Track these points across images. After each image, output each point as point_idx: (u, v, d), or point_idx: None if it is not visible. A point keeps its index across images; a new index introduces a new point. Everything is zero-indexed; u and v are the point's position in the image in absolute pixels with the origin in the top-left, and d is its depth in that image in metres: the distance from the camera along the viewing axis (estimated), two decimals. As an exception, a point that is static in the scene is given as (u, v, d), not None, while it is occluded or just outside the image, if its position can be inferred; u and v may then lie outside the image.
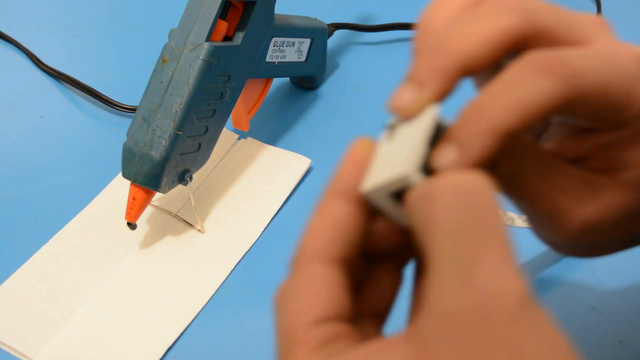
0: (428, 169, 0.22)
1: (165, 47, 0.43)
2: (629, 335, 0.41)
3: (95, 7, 0.68)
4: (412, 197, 0.21)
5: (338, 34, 0.63)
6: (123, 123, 0.55)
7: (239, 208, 0.48)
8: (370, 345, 0.20)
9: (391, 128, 0.25)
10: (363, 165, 0.23)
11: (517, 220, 0.42)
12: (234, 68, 0.45)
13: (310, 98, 0.58)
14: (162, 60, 0.43)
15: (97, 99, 0.56)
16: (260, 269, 0.45)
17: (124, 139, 0.43)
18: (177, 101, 0.42)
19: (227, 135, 0.53)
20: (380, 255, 0.24)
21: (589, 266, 0.46)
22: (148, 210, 0.47)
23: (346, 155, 0.24)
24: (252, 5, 0.45)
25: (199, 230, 0.46)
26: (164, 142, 0.41)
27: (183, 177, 0.44)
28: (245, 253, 0.46)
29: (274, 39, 0.49)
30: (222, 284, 0.44)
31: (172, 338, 0.41)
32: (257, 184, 0.50)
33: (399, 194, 0.22)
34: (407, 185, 0.22)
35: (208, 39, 0.42)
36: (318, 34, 0.55)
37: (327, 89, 0.59)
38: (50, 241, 0.46)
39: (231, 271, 0.45)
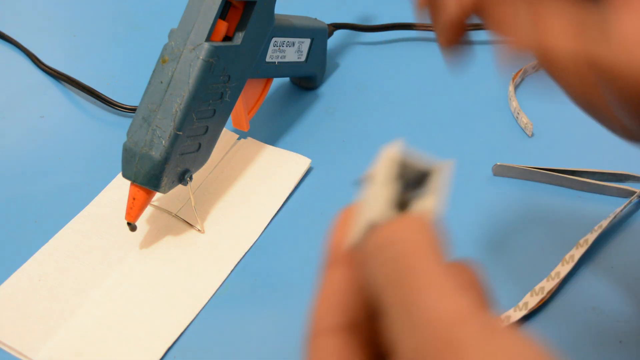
0: (403, 202, 0.23)
1: (165, 47, 0.43)
2: (629, 335, 0.41)
3: (95, 7, 0.68)
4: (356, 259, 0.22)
5: (338, 34, 0.63)
6: (123, 123, 0.55)
7: (239, 208, 0.48)
8: None
9: (365, 181, 0.24)
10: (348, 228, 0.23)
11: (513, 314, 0.42)
12: (234, 68, 0.45)
13: (310, 98, 0.58)
14: (162, 60, 0.43)
15: (97, 99, 0.56)
16: (260, 269, 0.45)
17: (124, 139, 0.43)
18: (177, 101, 0.42)
19: (227, 135, 0.53)
20: None
21: (589, 266, 0.46)
22: (148, 210, 0.47)
23: (332, 226, 0.24)
24: (252, 6, 0.45)
25: (199, 230, 0.47)
26: (164, 142, 0.41)
27: (183, 177, 0.44)
28: (245, 253, 0.46)
29: (274, 39, 0.49)
30: (222, 284, 0.44)
31: (172, 338, 0.41)
32: (257, 184, 0.50)
33: None
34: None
35: (208, 39, 0.42)
36: (318, 34, 0.55)
37: (327, 89, 0.59)
38: (50, 241, 0.46)
39: (231, 271, 0.45)
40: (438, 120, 0.56)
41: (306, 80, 0.58)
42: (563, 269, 0.44)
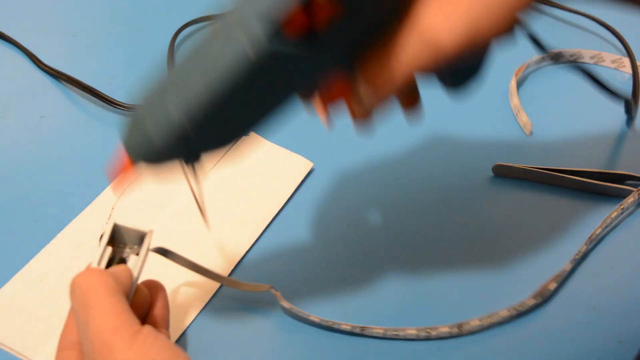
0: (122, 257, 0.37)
1: (222, 17, 0.29)
2: (629, 335, 0.42)
3: (95, 7, 0.68)
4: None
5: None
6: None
7: (239, 208, 0.48)
8: None
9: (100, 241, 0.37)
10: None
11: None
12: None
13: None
14: (213, 33, 0.29)
15: (98, 99, 0.56)
16: (260, 269, 0.45)
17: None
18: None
19: (227, 135, 0.53)
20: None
21: (589, 266, 0.46)
22: (148, 210, 0.47)
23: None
24: None
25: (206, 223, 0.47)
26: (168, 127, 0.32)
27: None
28: (246, 253, 0.46)
29: None
30: (222, 284, 0.44)
31: (174, 337, 0.41)
32: (259, 184, 0.50)
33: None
34: None
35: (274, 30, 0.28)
36: None
37: (327, 89, 0.59)
38: (52, 241, 0.46)
39: (231, 271, 0.45)
40: (438, 120, 0.56)
41: None
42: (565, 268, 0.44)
